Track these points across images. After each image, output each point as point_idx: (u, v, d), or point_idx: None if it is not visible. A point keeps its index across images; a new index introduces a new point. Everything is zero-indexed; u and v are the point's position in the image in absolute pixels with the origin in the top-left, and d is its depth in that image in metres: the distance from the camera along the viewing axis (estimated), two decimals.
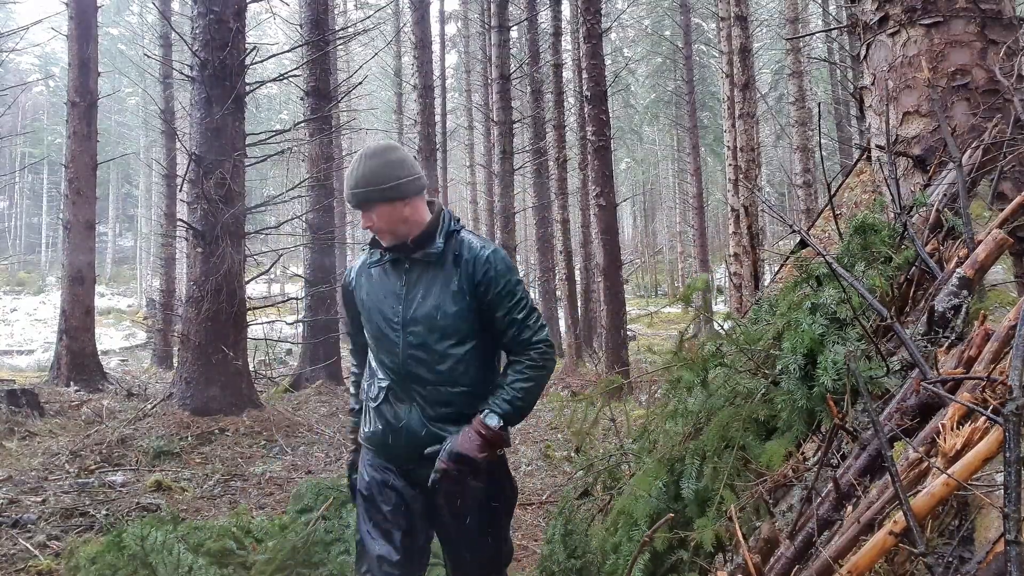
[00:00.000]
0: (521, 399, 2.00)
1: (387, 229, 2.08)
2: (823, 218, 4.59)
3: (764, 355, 2.23)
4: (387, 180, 2.03)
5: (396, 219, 2.06)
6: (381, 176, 2.03)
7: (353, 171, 2.06)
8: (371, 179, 2.03)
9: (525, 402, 2.02)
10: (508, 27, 15.09)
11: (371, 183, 2.03)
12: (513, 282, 2.07)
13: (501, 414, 1.97)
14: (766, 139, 28.44)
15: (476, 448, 1.94)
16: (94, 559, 2.80)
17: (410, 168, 2.08)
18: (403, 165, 2.06)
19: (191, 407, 7.22)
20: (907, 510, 1.21)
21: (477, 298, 2.05)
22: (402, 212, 2.06)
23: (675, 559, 1.96)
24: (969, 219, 2.12)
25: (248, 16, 8.64)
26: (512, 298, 2.05)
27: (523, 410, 2.02)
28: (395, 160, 2.06)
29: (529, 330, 2.05)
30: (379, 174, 2.04)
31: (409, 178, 2.06)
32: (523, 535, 4.21)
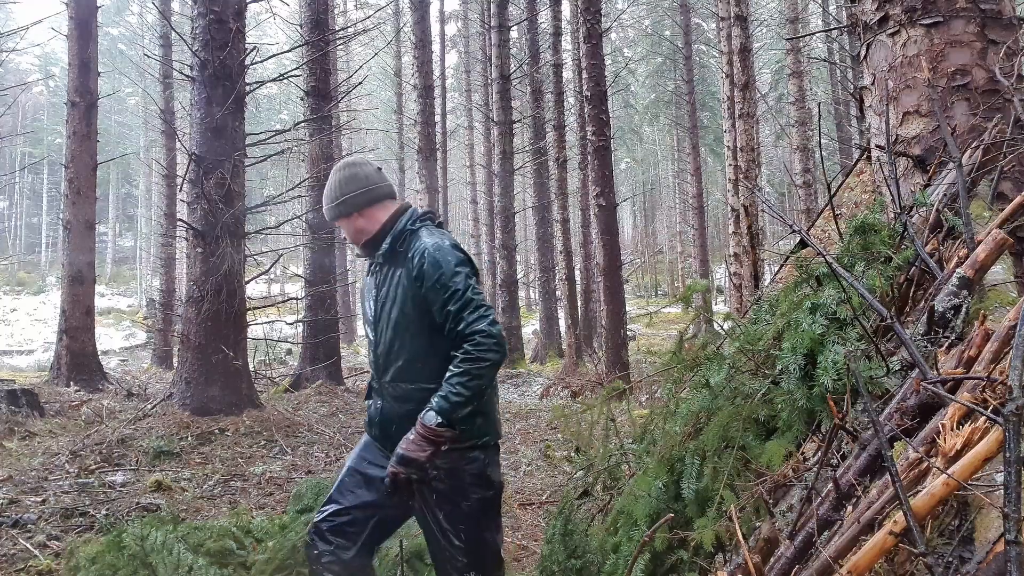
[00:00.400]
0: (456, 393, 2.00)
1: (352, 239, 2.36)
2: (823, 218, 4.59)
3: (764, 355, 2.23)
4: (337, 197, 2.30)
5: (354, 230, 2.32)
6: (333, 195, 2.31)
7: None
8: (327, 198, 2.33)
9: (462, 396, 2.00)
10: (508, 27, 15.10)
11: (327, 202, 2.33)
12: (448, 274, 2.10)
13: (437, 411, 2.00)
14: (766, 139, 28.45)
15: (417, 448, 2.00)
16: (94, 559, 2.80)
17: (360, 182, 2.30)
18: (352, 180, 2.29)
19: (191, 407, 7.22)
20: (907, 510, 1.21)
21: (422, 294, 2.14)
22: (357, 223, 2.30)
23: (675, 559, 1.96)
24: (969, 219, 2.12)
25: (248, 16, 8.64)
26: (446, 291, 2.09)
27: (460, 404, 2.01)
28: (344, 178, 2.31)
29: (463, 322, 2.05)
30: (331, 193, 2.31)
31: (356, 192, 2.28)
32: (523, 535, 4.21)
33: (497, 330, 2.06)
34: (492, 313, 2.09)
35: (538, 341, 17.26)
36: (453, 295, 2.08)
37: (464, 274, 2.12)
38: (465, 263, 2.16)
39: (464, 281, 2.11)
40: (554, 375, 12.93)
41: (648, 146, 37.83)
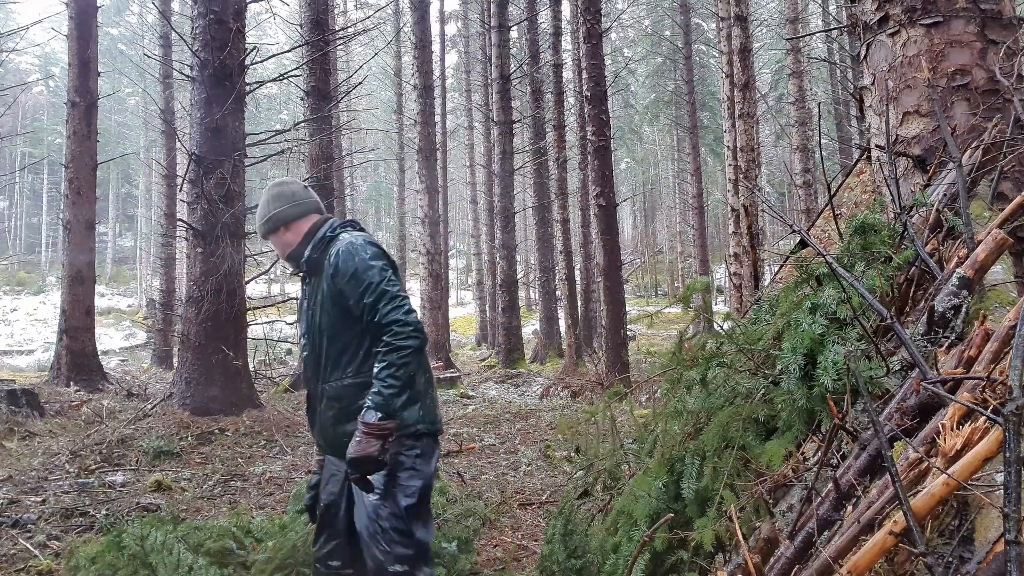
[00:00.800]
0: (387, 385, 2.04)
1: (281, 254, 2.44)
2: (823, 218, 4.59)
3: (764, 355, 2.23)
4: (266, 215, 2.41)
5: (282, 244, 2.41)
6: (262, 213, 2.42)
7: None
8: (258, 218, 2.43)
9: (393, 387, 2.05)
10: (508, 27, 15.10)
11: (258, 221, 2.43)
12: (361, 268, 2.16)
13: (374, 407, 2.04)
14: (766, 139, 28.45)
15: (365, 446, 2.04)
16: (94, 559, 2.80)
17: (286, 198, 2.40)
18: (279, 198, 2.40)
19: (191, 407, 7.22)
20: (907, 510, 1.21)
21: (338, 290, 2.21)
22: (284, 238, 2.40)
23: (675, 559, 1.96)
24: (969, 219, 2.12)
25: (248, 16, 8.64)
26: (360, 284, 2.15)
27: (394, 395, 2.05)
28: (272, 196, 2.42)
29: (379, 313, 2.10)
30: (261, 212, 2.42)
31: (283, 207, 2.39)
32: (523, 535, 4.21)
33: (413, 318, 2.10)
34: (407, 303, 2.13)
35: (538, 341, 17.27)
36: (368, 288, 2.13)
37: (378, 267, 2.17)
38: (379, 256, 2.21)
39: (378, 274, 2.15)
40: (554, 375, 12.93)
41: (648, 146, 37.83)
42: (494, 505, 4.74)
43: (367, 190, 41.45)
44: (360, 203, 38.10)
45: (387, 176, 37.20)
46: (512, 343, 14.71)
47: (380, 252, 2.23)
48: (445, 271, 20.25)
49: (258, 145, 8.79)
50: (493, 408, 9.39)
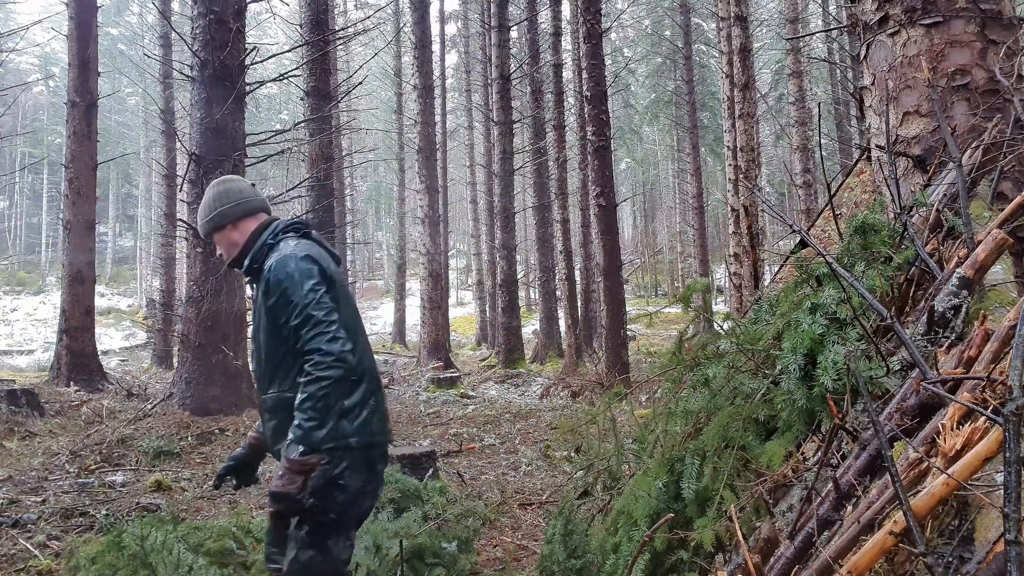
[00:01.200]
0: (307, 418, 1.93)
1: (226, 255, 2.30)
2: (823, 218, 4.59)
3: (764, 355, 2.23)
4: (209, 212, 2.26)
5: (228, 244, 2.28)
6: (205, 210, 2.27)
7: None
8: (201, 215, 2.29)
9: (313, 420, 1.93)
10: (508, 27, 15.10)
11: (201, 218, 2.29)
12: (290, 288, 2.03)
13: (296, 441, 1.94)
14: (766, 139, 28.45)
15: (287, 482, 1.95)
16: (94, 559, 2.80)
17: (232, 196, 2.27)
18: (225, 195, 2.27)
19: (191, 407, 7.23)
20: (907, 510, 1.21)
21: (269, 308, 2.10)
22: (231, 236, 2.27)
23: (675, 559, 1.96)
24: (969, 219, 2.12)
25: (248, 16, 8.65)
26: (287, 305, 2.03)
27: (314, 428, 1.94)
28: (217, 193, 2.28)
29: (301, 339, 1.98)
30: (204, 209, 2.28)
31: (228, 204, 2.26)
32: (523, 535, 4.21)
33: (336, 347, 1.95)
34: (332, 328, 1.98)
35: (538, 341, 17.27)
36: (293, 310, 2.01)
37: (308, 287, 2.02)
38: (311, 274, 2.05)
39: (307, 295, 2.01)
40: (554, 375, 12.93)
41: (648, 146, 37.83)
42: (494, 505, 4.74)
43: (367, 190, 41.44)
44: (360, 203, 38.11)
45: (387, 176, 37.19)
46: (512, 343, 14.71)
47: (314, 268, 2.07)
48: (445, 271, 20.25)
49: (258, 145, 8.79)
50: (493, 408, 9.39)
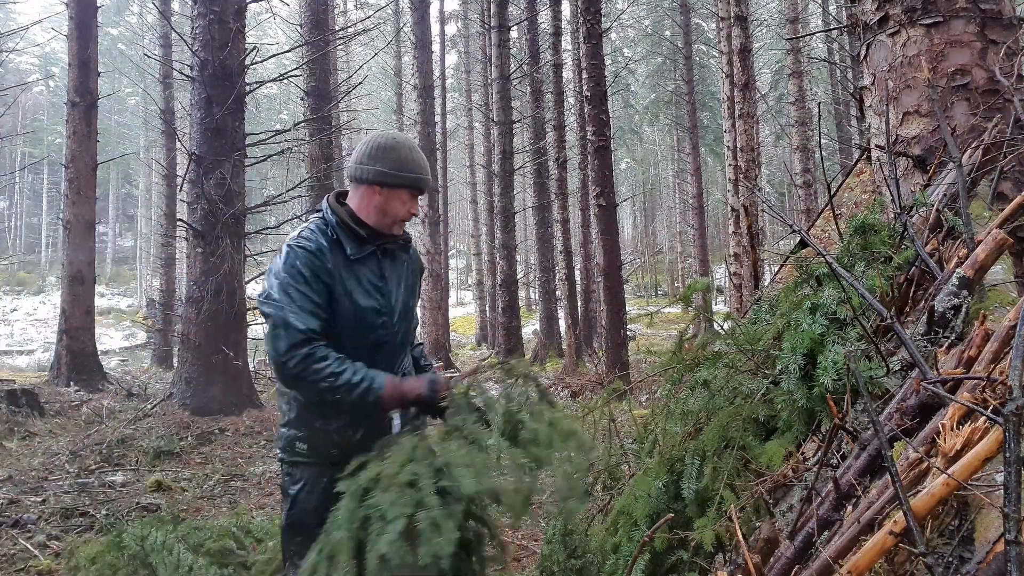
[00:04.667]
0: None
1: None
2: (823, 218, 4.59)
3: (764, 355, 2.23)
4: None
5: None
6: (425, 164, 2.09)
7: (411, 155, 2.04)
8: (428, 169, 2.10)
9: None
10: (508, 27, 15.09)
11: (429, 172, 2.10)
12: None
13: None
14: (766, 139, 28.44)
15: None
16: (94, 559, 2.80)
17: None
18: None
19: (191, 407, 7.23)
20: (907, 510, 1.21)
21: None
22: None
23: (675, 559, 1.96)
24: (969, 219, 2.12)
25: (248, 16, 8.65)
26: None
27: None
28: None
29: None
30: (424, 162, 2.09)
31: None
32: (523, 535, 4.21)
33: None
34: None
35: (538, 341, 17.26)
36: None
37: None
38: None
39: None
40: (554, 375, 12.93)
41: (648, 146, 37.83)
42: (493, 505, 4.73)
43: None
44: None
45: None
46: (512, 343, 14.71)
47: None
48: (445, 271, 20.24)
49: (258, 145, 8.79)
50: None
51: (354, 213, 2.05)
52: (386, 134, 2.08)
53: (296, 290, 1.92)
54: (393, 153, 2.02)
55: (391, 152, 2.02)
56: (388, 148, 2.02)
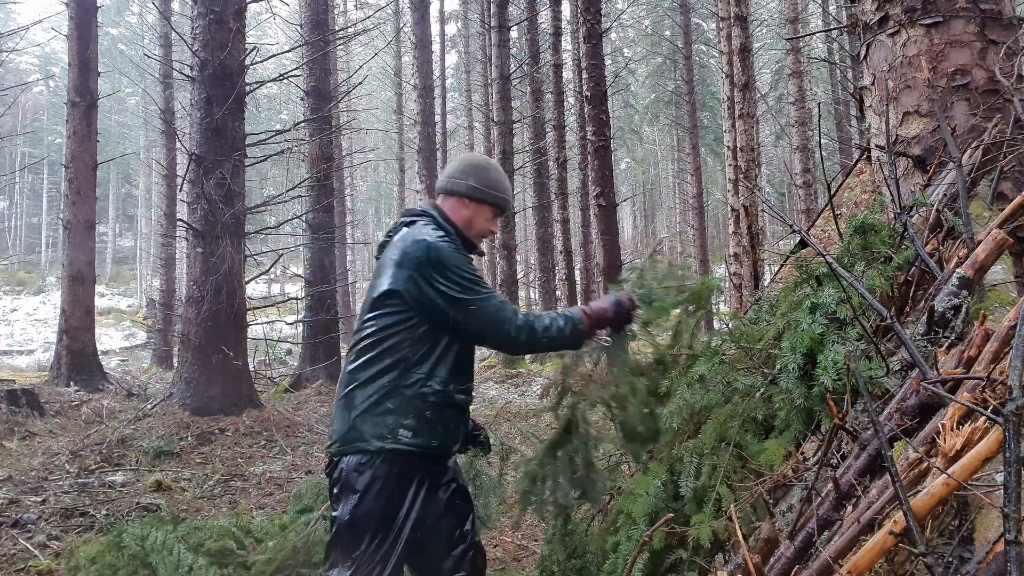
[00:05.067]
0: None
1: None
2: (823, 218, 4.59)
3: (765, 355, 2.23)
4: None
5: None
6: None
7: (499, 177, 2.29)
8: (512, 194, 2.44)
9: None
10: (508, 27, 15.09)
11: (512, 198, 2.45)
12: None
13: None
14: (766, 139, 28.43)
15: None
16: (94, 559, 2.80)
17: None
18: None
19: (191, 407, 7.23)
20: (907, 510, 1.21)
21: None
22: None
23: (674, 558, 1.96)
24: (969, 219, 2.12)
25: (248, 16, 8.65)
26: None
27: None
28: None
29: None
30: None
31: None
32: (523, 535, 4.21)
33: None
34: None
35: None
36: None
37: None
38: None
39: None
40: (554, 375, 12.91)
41: (648, 146, 37.83)
42: (494, 505, 4.74)
43: (367, 190, 41.44)
44: (360, 203, 38.10)
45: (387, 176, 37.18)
46: None
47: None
48: None
49: (258, 145, 8.79)
50: (493, 408, 9.39)
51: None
52: (480, 155, 2.37)
53: (478, 275, 2.13)
54: (484, 172, 2.25)
55: (483, 171, 2.25)
56: (480, 167, 2.26)
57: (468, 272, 2.07)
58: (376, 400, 2.03)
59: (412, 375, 2.05)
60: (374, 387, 2.04)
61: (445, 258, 2.04)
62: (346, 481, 2.02)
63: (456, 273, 2.04)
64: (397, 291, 2.04)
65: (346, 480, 2.02)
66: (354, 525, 1.98)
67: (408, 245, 2.07)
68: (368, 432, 2.01)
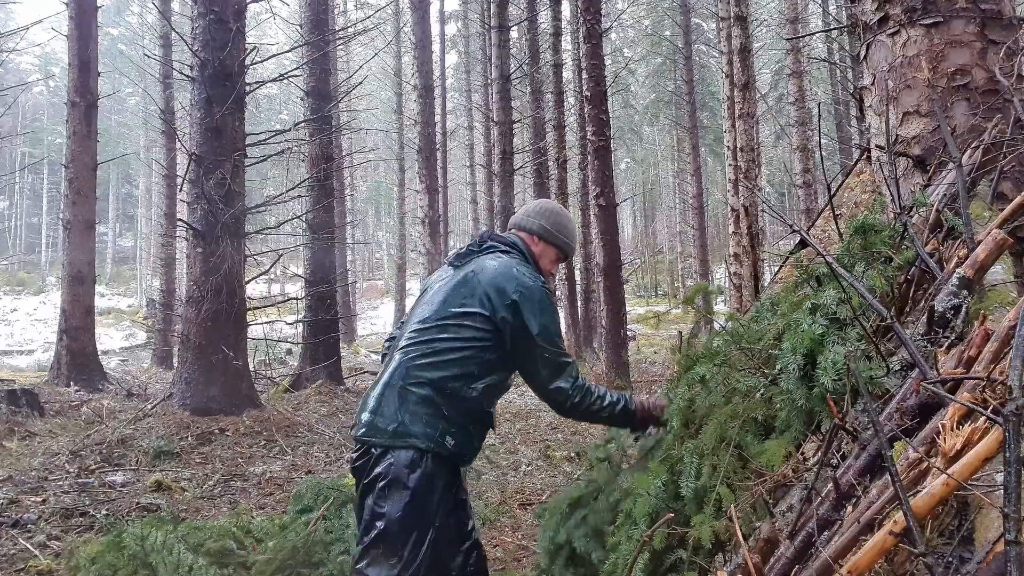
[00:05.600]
0: None
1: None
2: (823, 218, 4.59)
3: (765, 355, 2.23)
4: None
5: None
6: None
7: (570, 226, 2.55)
8: (577, 243, 2.67)
9: None
10: (508, 27, 15.08)
11: (577, 246, 2.66)
12: None
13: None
14: (766, 139, 28.43)
15: None
16: (94, 559, 2.80)
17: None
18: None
19: (191, 407, 7.22)
20: (907, 510, 1.21)
21: None
22: None
23: (675, 558, 1.96)
24: (969, 219, 2.12)
25: (248, 16, 8.65)
26: None
27: None
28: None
29: None
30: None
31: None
32: (523, 535, 4.21)
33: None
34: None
35: None
36: None
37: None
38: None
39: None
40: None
41: (648, 146, 37.83)
42: (494, 505, 4.74)
43: (367, 190, 41.45)
44: (360, 203, 38.10)
45: (387, 176, 37.19)
46: None
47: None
48: None
49: (258, 145, 8.78)
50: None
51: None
52: (555, 203, 2.65)
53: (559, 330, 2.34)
54: (557, 218, 2.51)
55: (556, 217, 2.51)
56: (555, 213, 2.53)
57: (550, 318, 2.27)
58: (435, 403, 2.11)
59: (470, 390, 2.17)
60: (436, 390, 2.12)
61: (547, 305, 2.28)
62: (396, 477, 2.05)
63: (545, 316, 2.25)
64: (487, 316, 2.18)
65: (396, 476, 2.05)
66: (404, 522, 2.02)
67: (516, 280, 2.24)
68: (419, 431, 2.08)
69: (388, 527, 2.02)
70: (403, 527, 2.02)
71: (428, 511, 2.05)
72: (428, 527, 2.04)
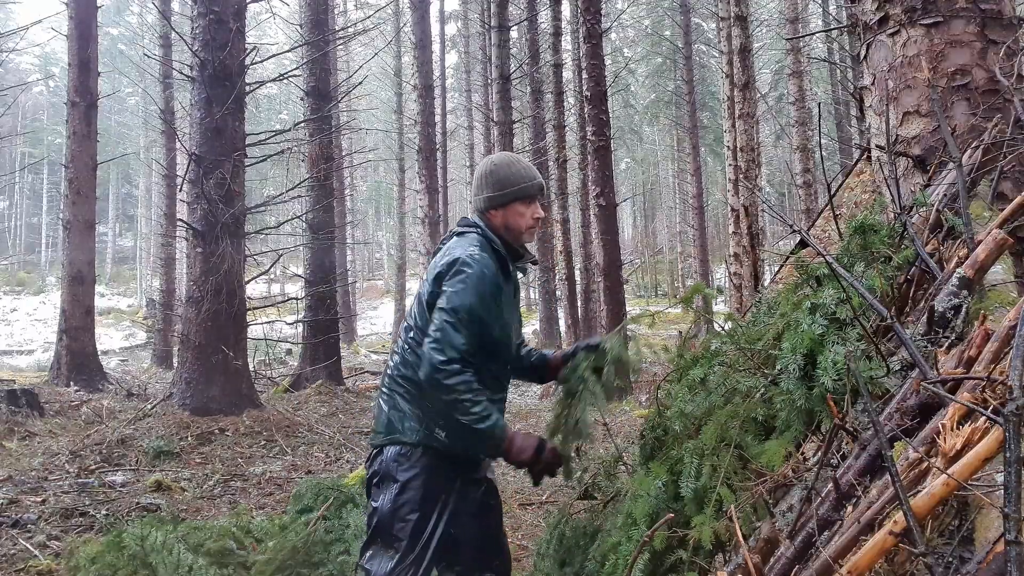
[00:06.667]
0: None
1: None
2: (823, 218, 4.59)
3: (764, 355, 2.23)
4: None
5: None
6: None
7: (521, 166, 2.30)
8: (533, 172, 2.30)
9: None
10: (508, 27, 15.07)
11: (535, 174, 2.29)
12: None
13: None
14: (766, 139, 28.42)
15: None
16: (94, 559, 2.80)
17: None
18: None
19: (191, 407, 7.22)
20: (907, 510, 1.21)
21: None
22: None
23: (675, 558, 1.96)
24: (969, 219, 2.12)
25: (248, 16, 8.65)
26: None
27: None
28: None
29: None
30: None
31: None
32: (523, 535, 4.21)
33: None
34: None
35: (538, 341, 17.26)
36: None
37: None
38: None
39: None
40: None
41: (648, 146, 37.83)
42: None
43: (367, 190, 41.44)
44: (360, 203, 38.08)
45: (387, 176, 37.17)
46: None
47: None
48: None
49: (258, 145, 8.78)
50: None
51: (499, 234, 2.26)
52: (485, 161, 2.33)
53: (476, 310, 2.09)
54: (495, 176, 2.27)
55: (494, 175, 2.27)
56: (491, 173, 2.28)
57: (478, 303, 2.06)
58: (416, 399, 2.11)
59: None
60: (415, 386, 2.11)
61: (472, 281, 2.08)
62: (386, 471, 2.08)
63: (470, 296, 2.06)
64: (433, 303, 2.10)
65: (386, 470, 2.08)
66: (395, 513, 2.04)
67: (449, 255, 2.14)
68: (406, 426, 2.10)
69: (381, 520, 2.07)
70: (395, 518, 2.04)
71: (425, 502, 2.05)
72: (426, 518, 2.04)
